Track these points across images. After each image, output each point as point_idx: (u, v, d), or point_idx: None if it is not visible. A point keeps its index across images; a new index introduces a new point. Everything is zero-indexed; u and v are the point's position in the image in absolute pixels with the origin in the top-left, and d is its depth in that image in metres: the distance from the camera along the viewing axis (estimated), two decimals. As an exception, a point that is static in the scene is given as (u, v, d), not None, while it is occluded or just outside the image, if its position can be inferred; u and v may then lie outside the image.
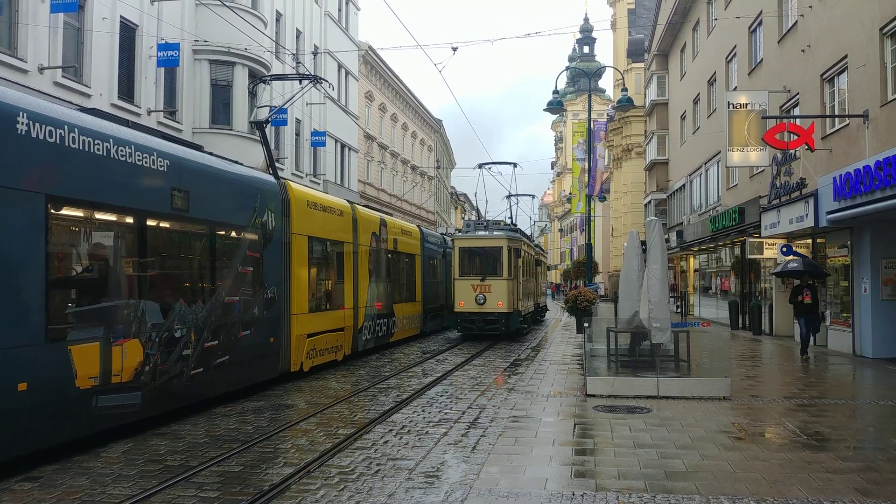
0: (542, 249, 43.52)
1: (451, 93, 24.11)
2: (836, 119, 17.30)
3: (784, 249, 19.77)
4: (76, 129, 8.05)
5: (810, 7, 18.57)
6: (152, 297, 9.41)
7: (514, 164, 28.62)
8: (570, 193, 73.63)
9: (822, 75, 17.98)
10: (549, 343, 20.54)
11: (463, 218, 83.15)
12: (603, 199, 60.11)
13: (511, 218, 30.10)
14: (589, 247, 30.67)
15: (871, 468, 7.02)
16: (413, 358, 17.87)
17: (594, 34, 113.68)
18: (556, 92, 26.11)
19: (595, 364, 12.60)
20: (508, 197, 31.05)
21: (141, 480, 6.93)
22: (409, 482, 6.74)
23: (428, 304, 24.63)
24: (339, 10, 36.64)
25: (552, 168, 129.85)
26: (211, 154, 11.63)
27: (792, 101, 20.02)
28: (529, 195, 35.31)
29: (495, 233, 22.75)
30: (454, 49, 22.11)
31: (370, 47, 40.02)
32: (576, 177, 63.41)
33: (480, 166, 28.76)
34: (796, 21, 19.70)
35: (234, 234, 11.69)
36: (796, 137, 17.06)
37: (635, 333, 13.01)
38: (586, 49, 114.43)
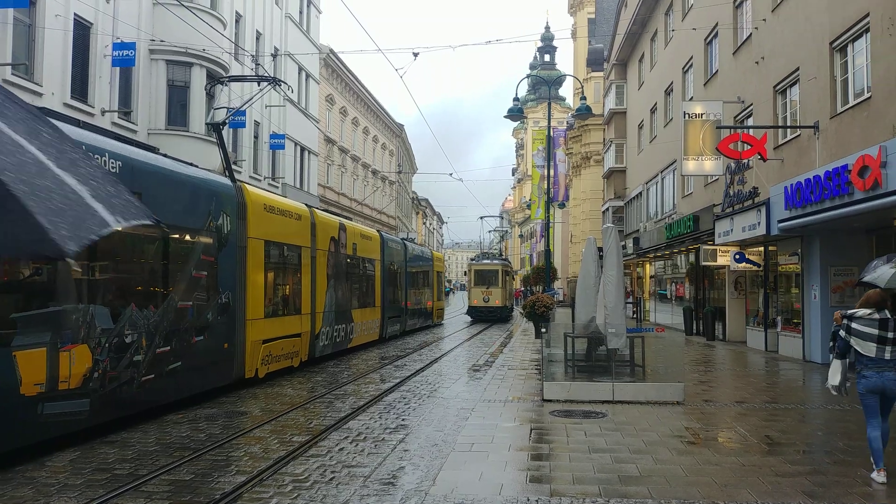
0: (512, 266, 56.53)
1: (413, 99, 24.19)
2: (788, 130, 17.68)
3: (737, 257, 20.13)
4: (24, 129, 7.85)
5: (764, 20, 18.96)
6: (102, 302, 9.22)
7: (501, 216, 36.17)
8: (530, 200, 74.12)
9: (774, 87, 18.36)
10: (508, 348, 20.61)
11: (424, 223, 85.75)
12: (562, 205, 60.67)
13: (492, 243, 45.20)
14: (548, 252, 30.86)
15: (819, 471, 7.15)
16: (371, 364, 17.78)
17: (555, 43, 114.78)
18: (516, 99, 26.26)
19: (552, 369, 12.68)
20: (482, 218, 58.73)
21: (87, 490, 6.77)
22: (364, 489, 6.69)
23: (388, 309, 24.55)
24: (301, 12, 36.41)
25: (513, 174, 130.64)
26: (165, 156, 11.44)
27: (746, 111, 20.41)
28: (499, 216, 49.29)
29: (494, 261, 40.26)
30: (415, 54, 22.16)
31: (331, 50, 39.86)
32: (535, 183, 63.86)
33: (482, 217, 58.36)
34: (751, 34, 20.10)
35: (188, 237, 11.51)
36: (749, 147, 17.37)
37: (592, 339, 13.12)
38: (547, 57, 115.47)
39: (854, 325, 6.94)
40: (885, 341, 6.79)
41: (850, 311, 7.11)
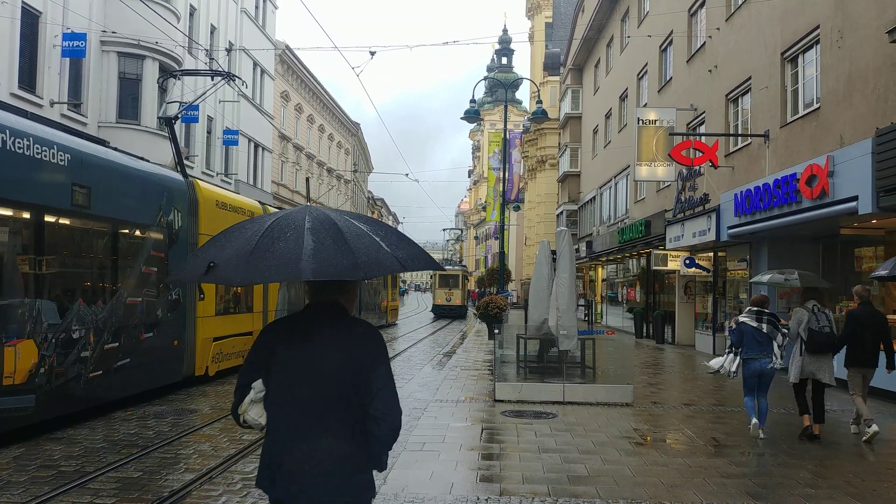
0: (468, 270, 65.13)
1: (369, 98, 24.21)
2: (739, 138, 18.06)
3: (687, 262, 20.51)
4: (-31, 118, 7.65)
5: (718, 30, 19.35)
6: (49, 297, 9.01)
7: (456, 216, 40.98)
8: (486, 202, 74.44)
9: (727, 95, 18.75)
10: (461, 349, 20.67)
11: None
12: (517, 208, 61.02)
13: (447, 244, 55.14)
14: (502, 255, 31.03)
15: (763, 473, 7.34)
16: (323, 363, 17.64)
17: (512, 46, 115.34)
18: (473, 101, 26.34)
19: (504, 370, 12.76)
20: (444, 230, 79.05)
21: (32, 487, 6.62)
22: (314, 488, 6.65)
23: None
24: (256, 7, 36.03)
25: (469, 176, 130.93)
26: (116, 149, 11.24)
27: (698, 119, 20.80)
28: (459, 229, 55.88)
29: (455, 267, 49.43)
30: (372, 53, 22.11)
31: (287, 47, 39.51)
32: (491, 185, 64.15)
33: (444, 229, 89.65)
34: (704, 42, 20.49)
35: (137, 232, 11.32)
36: (701, 154, 17.69)
37: (544, 340, 13.23)
38: (504, 60, 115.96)
39: (743, 320, 9.05)
40: (762, 334, 8.88)
41: (741, 317, 9.26)
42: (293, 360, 2.95)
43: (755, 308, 9.10)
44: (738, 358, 9.02)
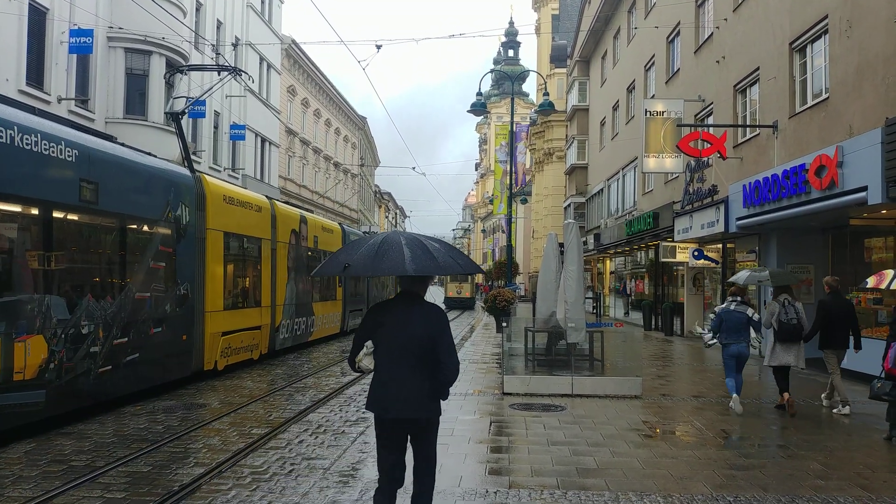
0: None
1: (375, 91, 24.04)
2: (748, 129, 17.96)
3: (696, 253, 20.44)
4: (-23, 115, 7.67)
5: (725, 20, 19.24)
6: (58, 292, 9.06)
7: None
8: (493, 195, 74.40)
9: (735, 86, 18.65)
10: (469, 342, 20.68)
11: (387, 217, 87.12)
12: (525, 200, 60.94)
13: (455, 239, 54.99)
14: (510, 248, 31.01)
15: (773, 464, 7.32)
16: (332, 357, 17.71)
17: (519, 38, 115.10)
18: (479, 94, 26.30)
19: (512, 363, 12.75)
20: (454, 230, 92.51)
21: (43, 482, 6.66)
22: (323, 481, 6.67)
23: (349, 302, 24.47)
24: (263, 1, 36.01)
25: (476, 169, 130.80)
26: (123, 145, 11.27)
27: (706, 110, 20.70)
28: (465, 227, 56.05)
29: None
30: (378, 47, 22.03)
31: (293, 41, 39.47)
32: (498, 178, 64.10)
33: (454, 230, 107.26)
34: (712, 33, 20.38)
35: (145, 227, 11.35)
36: (709, 146, 17.62)
37: (552, 333, 13.21)
38: (511, 53, 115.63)
39: (728, 309, 10.19)
40: (739, 322, 10.11)
41: (720, 306, 10.74)
42: (393, 328, 4.58)
43: (734, 298, 10.31)
44: (716, 341, 10.43)
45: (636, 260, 30.54)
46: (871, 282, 9.80)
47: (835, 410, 10.13)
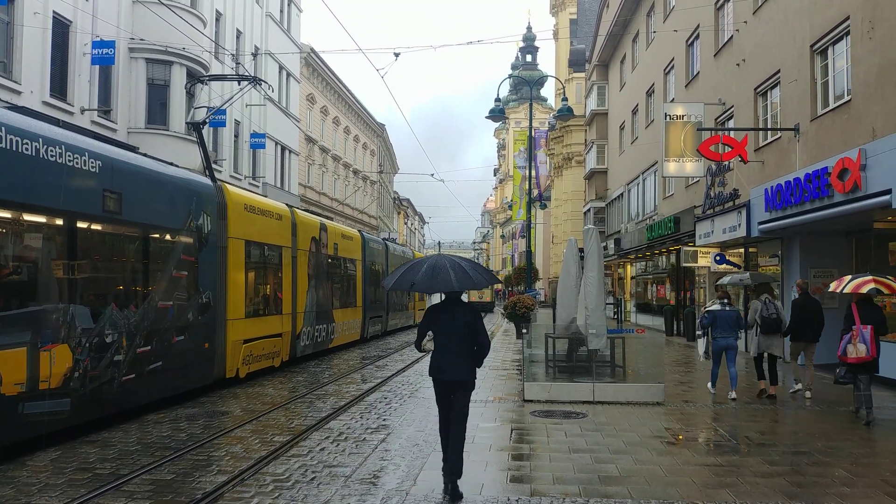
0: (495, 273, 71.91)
1: (394, 99, 24.20)
2: (769, 132, 17.82)
3: (717, 258, 20.27)
4: (3, 128, 7.79)
5: (745, 23, 19.12)
6: (83, 302, 9.15)
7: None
8: (512, 200, 74.26)
9: (755, 89, 18.51)
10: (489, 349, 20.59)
11: (406, 223, 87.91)
12: (543, 206, 60.77)
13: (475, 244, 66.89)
14: (529, 253, 30.92)
15: (797, 472, 7.24)
16: (353, 364, 17.76)
17: (537, 43, 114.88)
18: (497, 100, 26.23)
19: (533, 370, 12.71)
20: (474, 243, 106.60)
21: (69, 489, 6.73)
22: (345, 489, 6.69)
23: (369, 309, 24.53)
24: (281, 11, 36.28)
25: (495, 175, 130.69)
26: (145, 155, 11.38)
27: (726, 113, 20.57)
28: (484, 232, 62.44)
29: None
30: (396, 54, 22.15)
31: (312, 49, 39.70)
32: (517, 184, 63.98)
33: (474, 242, 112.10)
34: (732, 36, 20.26)
35: (168, 237, 11.45)
36: (730, 149, 17.48)
37: (572, 339, 13.15)
38: (529, 58, 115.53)
39: (714, 308, 11.97)
40: (728, 319, 11.80)
41: (710, 305, 12.30)
42: (447, 322, 6.62)
43: (721, 300, 12.08)
44: (708, 337, 11.98)
45: (657, 265, 30.36)
46: (832, 286, 10.64)
47: (791, 391, 12.09)
